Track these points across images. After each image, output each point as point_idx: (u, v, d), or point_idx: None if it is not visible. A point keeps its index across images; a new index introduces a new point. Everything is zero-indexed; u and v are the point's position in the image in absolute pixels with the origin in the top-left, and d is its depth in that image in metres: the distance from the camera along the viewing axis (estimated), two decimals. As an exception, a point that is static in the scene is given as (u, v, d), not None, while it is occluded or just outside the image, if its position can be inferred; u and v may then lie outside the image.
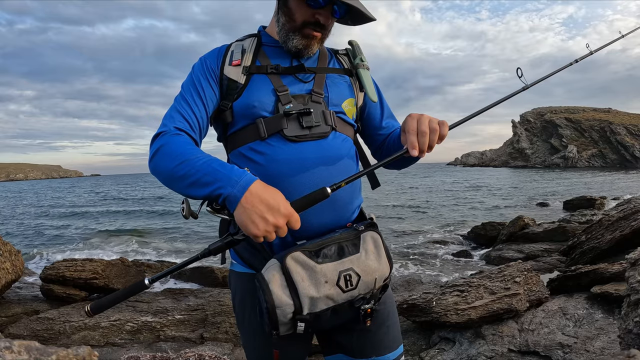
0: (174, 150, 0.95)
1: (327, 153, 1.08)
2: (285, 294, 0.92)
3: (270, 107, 1.06)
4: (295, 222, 0.88)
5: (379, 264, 1.01)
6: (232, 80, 1.09)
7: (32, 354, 0.50)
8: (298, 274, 0.94)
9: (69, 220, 19.85)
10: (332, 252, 0.99)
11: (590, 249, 4.57)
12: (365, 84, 1.17)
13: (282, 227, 0.86)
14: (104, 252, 10.92)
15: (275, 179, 1.02)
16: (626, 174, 39.85)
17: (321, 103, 1.10)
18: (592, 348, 2.44)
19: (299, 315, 0.93)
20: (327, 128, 1.09)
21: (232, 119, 1.10)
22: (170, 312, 4.20)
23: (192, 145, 0.98)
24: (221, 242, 0.90)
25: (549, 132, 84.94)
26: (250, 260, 1.10)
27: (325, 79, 1.14)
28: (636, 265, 1.83)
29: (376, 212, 15.87)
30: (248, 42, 1.14)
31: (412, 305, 3.21)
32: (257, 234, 0.84)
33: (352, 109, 1.18)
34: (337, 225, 1.09)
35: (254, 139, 1.06)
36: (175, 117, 1.03)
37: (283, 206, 0.86)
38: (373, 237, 1.05)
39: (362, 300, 0.99)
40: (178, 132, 1.01)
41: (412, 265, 7.70)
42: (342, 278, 0.96)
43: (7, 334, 3.76)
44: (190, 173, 0.90)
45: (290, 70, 1.11)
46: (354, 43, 1.25)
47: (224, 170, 0.89)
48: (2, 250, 4.45)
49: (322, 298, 0.94)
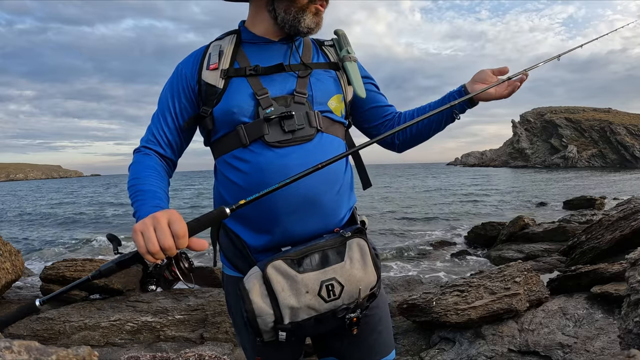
0: (133, 171, 1.03)
1: (312, 157, 1.01)
2: (265, 304, 0.91)
3: (249, 112, 1.02)
4: (177, 221, 0.81)
5: (364, 273, 0.98)
6: (210, 85, 1.05)
7: (32, 354, 0.50)
8: (279, 283, 0.92)
9: (70, 221, 19.85)
10: (315, 260, 0.96)
11: (590, 249, 4.57)
12: (353, 78, 1.12)
13: (159, 218, 0.80)
14: (104, 253, 10.92)
15: (259, 187, 0.99)
16: (626, 174, 39.83)
17: (305, 104, 1.04)
18: (592, 348, 2.44)
19: (279, 325, 0.92)
20: (311, 130, 1.03)
21: (213, 125, 1.07)
22: (170, 312, 4.20)
23: (150, 168, 1.03)
24: (112, 263, 0.86)
25: (549, 132, 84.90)
26: (237, 264, 1.08)
27: (309, 76, 1.08)
28: (636, 265, 1.83)
29: (375, 213, 15.80)
30: (227, 42, 1.10)
31: (412, 305, 3.21)
32: (135, 227, 0.81)
33: (339, 106, 1.12)
34: (324, 230, 1.06)
35: (237, 147, 1.04)
36: (148, 136, 1.10)
37: (167, 211, 0.84)
38: (359, 244, 1.00)
39: (346, 310, 0.96)
40: (147, 152, 1.07)
41: (412, 265, 7.70)
42: (324, 288, 0.93)
43: (7, 334, 3.76)
44: (132, 196, 0.97)
45: (270, 70, 1.06)
46: (340, 33, 1.19)
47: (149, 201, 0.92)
48: (2, 250, 4.45)
49: (303, 308, 0.92)
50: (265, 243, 1.04)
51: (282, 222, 1.02)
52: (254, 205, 0.99)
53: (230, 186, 1.07)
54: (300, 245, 1.00)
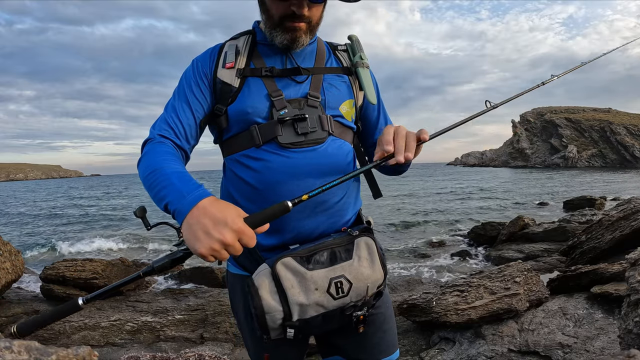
0: (150, 160, 0.95)
1: (321, 160, 1.04)
2: (274, 300, 0.92)
3: (264, 113, 1.03)
4: (249, 239, 0.78)
5: (372, 270, 0.99)
6: (225, 83, 1.05)
7: (32, 354, 0.50)
8: (288, 280, 0.93)
9: (69, 219, 19.85)
10: (324, 258, 0.97)
11: (590, 249, 4.57)
12: (365, 85, 1.12)
13: (231, 243, 0.76)
14: (104, 253, 10.93)
15: (270, 187, 1.01)
16: (626, 174, 39.83)
17: (317, 107, 1.06)
18: (592, 348, 2.44)
19: (288, 322, 0.92)
20: (323, 134, 1.05)
21: (227, 124, 1.07)
22: (170, 312, 4.20)
23: (170, 154, 0.97)
24: (167, 258, 0.84)
25: (549, 132, 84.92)
26: (243, 262, 1.09)
27: (322, 81, 1.09)
28: (636, 265, 1.83)
29: (375, 213, 15.80)
30: (242, 41, 1.10)
31: (412, 305, 3.21)
32: (203, 252, 0.76)
33: (350, 111, 1.13)
34: (332, 229, 1.07)
35: (250, 146, 1.04)
36: (162, 125, 1.04)
37: (231, 220, 0.77)
38: (367, 242, 1.02)
39: (354, 307, 0.98)
40: (162, 140, 1.01)
41: (412, 265, 7.70)
42: (333, 285, 0.94)
43: (7, 334, 3.76)
44: (154, 185, 0.90)
45: (285, 72, 1.07)
46: (353, 38, 1.20)
47: (178, 184, 0.86)
48: (2, 250, 4.45)
49: (312, 305, 0.93)
50: (274, 242, 1.05)
51: (291, 222, 1.03)
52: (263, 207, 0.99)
53: (240, 184, 1.07)
54: (309, 244, 1.01)
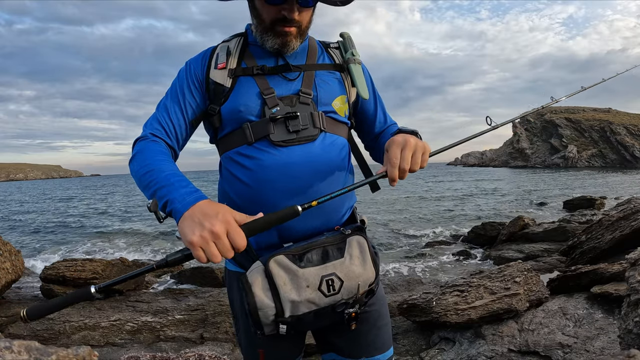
0: (145, 158, 0.99)
1: (314, 157, 1.06)
2: (267, 297, 0.94)
3: (256, 111, 1.05)
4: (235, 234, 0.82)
5: (363, 269, 1.01)
6: (218, 84, 1.08)
7: (32, 354, 0.50)
8: (280, 277, 0.95)
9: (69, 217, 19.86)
10: (316, 256, 0.99)
11: (590, 249, 4.57)
12: (357, 80, 1.14)
13: (218, 233, 0.80)
14: (104, 253, 10.93)
15: (263, 184, 1.03)
16: (626, 174, 39.85)
17: (309, 104, 1.07)
18: (592, 348, 2.44)
19: (280, 318, 0.95)
20: (315, 131, 1.07)
21: (220, 123, 1.10)
22: (170, 312, 4.20)
23: (163, 154, 1.01)
24: (180, 253, 0.87)
25: (549, 132, 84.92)
26: (240, 259, 1.10)
27: (314, 77, 1.11)
28: (636, 265, 1.83)
29: (375, 213, 15.80)
30: (234, 43, 1.12)
31: (412, 305, 3.21)
32: (193, 240, 0.80)
33: (343, 107, 1.15)
34: (325, 228, 1.09)
35: (242, 144, 1.06)
36: (154, 124, 1.08)
37: (222, 214, 0.83)
38: (359, 241, 1.03)
39: (345, 305, 0.99)
40: (155, 139, 1.04)
41: (412, 265, 7.70)
42: (324, 283, 0.96)
43: (7, 334, 3.76)
44: (152, 184, 0.93)
45: (276, 70, 1.08)
46: (345, 35, 1.22)
47: (178, 186, 0.91)
48: (2, 250, 4.45)
49: (303, 302, 0.95)
50: (268, 240, 1.07)
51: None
52: (258, 204, 1.02)
53: (234, 182, 1.09)
54: (302, 242, 1.02)
